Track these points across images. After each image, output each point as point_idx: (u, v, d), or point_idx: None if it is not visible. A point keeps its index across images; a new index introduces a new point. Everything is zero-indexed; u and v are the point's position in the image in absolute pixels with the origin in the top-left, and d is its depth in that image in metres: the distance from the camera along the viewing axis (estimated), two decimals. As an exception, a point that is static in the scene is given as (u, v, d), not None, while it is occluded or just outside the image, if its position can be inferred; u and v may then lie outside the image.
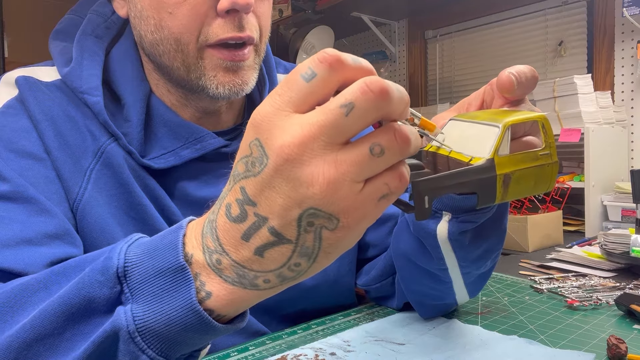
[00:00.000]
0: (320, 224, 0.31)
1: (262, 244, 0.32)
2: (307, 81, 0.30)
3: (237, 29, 0.56)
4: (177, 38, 0.56)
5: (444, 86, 2.51)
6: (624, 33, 1.75)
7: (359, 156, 0.30)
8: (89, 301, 0.36)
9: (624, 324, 0.67)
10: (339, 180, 0.30)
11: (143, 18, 0.58)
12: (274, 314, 0.68)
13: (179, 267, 0.34)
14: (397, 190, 0.31)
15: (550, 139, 0.39)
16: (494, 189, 0.37)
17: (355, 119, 0.29)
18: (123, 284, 0.36)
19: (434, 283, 0.61)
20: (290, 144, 0.29)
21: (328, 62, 0.30)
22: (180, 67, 0.58)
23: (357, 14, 2.38)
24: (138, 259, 0.36)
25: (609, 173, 1.57)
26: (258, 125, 0.31)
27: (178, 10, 0.55)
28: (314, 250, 0.32)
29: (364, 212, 0.31)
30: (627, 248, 0.98)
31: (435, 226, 0.55)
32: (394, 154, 0.30)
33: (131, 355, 0.35)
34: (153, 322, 0.35)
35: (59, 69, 0.61)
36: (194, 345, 0.37)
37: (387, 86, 0.29)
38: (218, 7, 0.55)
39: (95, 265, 0.37)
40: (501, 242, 0.57)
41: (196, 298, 0.34)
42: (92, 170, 0.57)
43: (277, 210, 0.31)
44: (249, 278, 0.34)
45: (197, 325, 0.35)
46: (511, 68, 0.43)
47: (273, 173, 0.30)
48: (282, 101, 0.31)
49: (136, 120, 0.60)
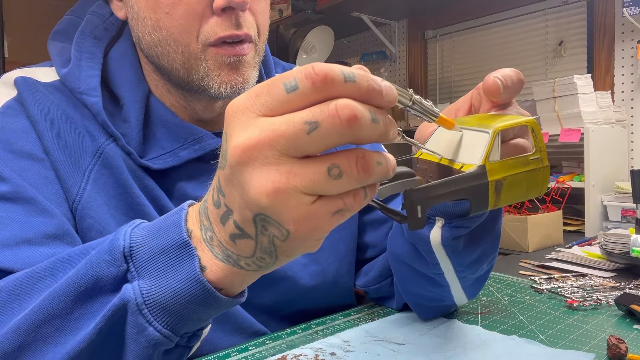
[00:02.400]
0: (272, 232, 0.32)
1: (232, 232, 0.34)
2: (287, 92, 0.29)
3: (234, 26, 0.56)
4: (176, 39, 0.56)
5: (444, 86, 2.51)
6: (624, 33, 1.75)
7: (315, 174, 0.29)
8: (97, 280, 0.38)
9: (624, 324, 0.67)
10: (288, 191, 0.29)
11: (140, 19, 0.58)
12: (273, 314, 0.68)
13: (183, 243, 0.36)
14: (351, 208, 0.31)
15: (540, 143, 0.39)
16: (487, 195, 0.37)
17: (316, 139, 0.29)
18: (129, 263, 0.37)
19: (430, 286, 0.61)
20: (243, 146, 0.30)
21: (312, 79, 0.29)
22: (180, 68, 0.58)
23: (357, 14, 2.38)
24: (142, 240, 0.38)
25: (609, 173, 1.57)
26: (228, 119, 0.32)
27: (174, 11, 0.55)
28: (272, 251, 0.33)
29: (315, 224, 0.31)
30: (627, 248, 0.98)
31: (428, 232, 0.54)
32: (350, 181, 0.30)
33: (138, 328, 0.37)
34: (159, 295, 0.36)
35: (58, 69, 0.61)
36: (199, 321, 0.39)
37: (357, 115, 0.28)
38: (214, 5, 0.54)
39: (102, 246, 0.39)
40: (496, 245, 0.57)
41: (200, 270, 0.36)
42: (91, 170, 0.57)
43: (237, 207, 0.32)
44: (234, 258, 0.35)
45: (201, 296, 0.36)
46: (497, 72, 0.43)
47: (230, 172, 0.31)
48: (256, 101, 0.30)
49: (135, 121, 0.60)
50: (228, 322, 0.62)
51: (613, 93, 1.76)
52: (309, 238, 0.32)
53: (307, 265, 0.69)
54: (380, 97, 0.30)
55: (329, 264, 0.70)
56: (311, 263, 0.69)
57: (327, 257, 0.70)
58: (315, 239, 0.33)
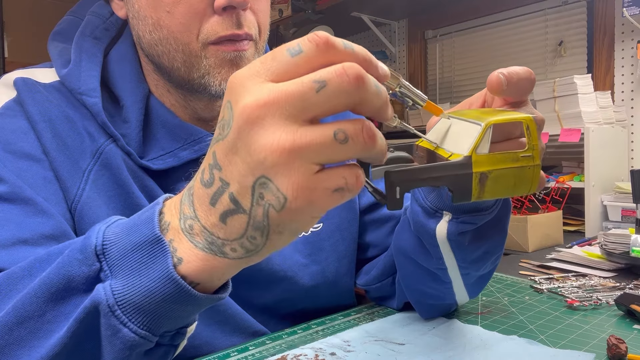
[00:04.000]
0: (268, 200, 0.31)
1: (225, 210, 0.32)
2: (292, 56, 0.30)
3: (235, 26, 0.56)
4: (176, 37, 0.56)
5: (444, 86, 2.51)
6: (624, 33, 1.75)
7: (321, 136, 0.29)
8: (68, 280, 0.36)
9: (624, 324, 0.67)
10: (293, 152, 0.29)
11: (141, 18, 0.58)
12: (273, 313, 0.68)
13: (155, 238, 0.35)
14: (352, 188, 0.31)
15: (534, 141, 0.38)
16: (470, 186, 0.37)
17: (325, 97, 0.29)
18: (102, 262, 0.36)
19: (433, 282, 0.61)
20: (252, 105, 0.29)
21: (316, 42, 0.30)
22: (180, 67, 0.58)
23: (357, 14, 2.38)
24: (116, 237, 0.36)
25: (609, 173, 1.57)
26: (232, 88, 0.31)
27: (176, 9, 0.55)
28: (265, 226, 0.32)
29: (314, 197, 0.31)
30: (627, 248, 0.98)
31: (434, 225, 0.55)
32: (356, 146, 0.30)
33: (112, 330, 0.35)
34: (132, 294, 0.35)
35: (58, 70, 0.61)
36: (178, 319, 0.37)
37: (364, 75, 0.29)
38: (215, 4, 0.55)
39: (75, 245, 0.37)
40: (501, 245, 0.57)
41: (173, 266, 0.34)
42: (91, 171, 0.57)
43: (236, 176, 0.31)
44: (218, 245, 0.34)
45: (175, 294, 0.34)
46: (504, 69, 0.43)
47: (235, 135, 0.31)
48: (262, 68, 0.31)
49: (135, 122, 0.60)
50: (228, 322, 0.62)
51: (613, 93, 1.76)
52: (305, 212, 0.31)
53: (307, 266, 0.69)
54: (375, 67, 0.32)
55: (329, 263, 0.70)
56: (311, 263, 0.69)
57: (327, 257, 0.70)
58: (310, 215, 0.32)
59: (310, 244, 0.69)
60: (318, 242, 0.70)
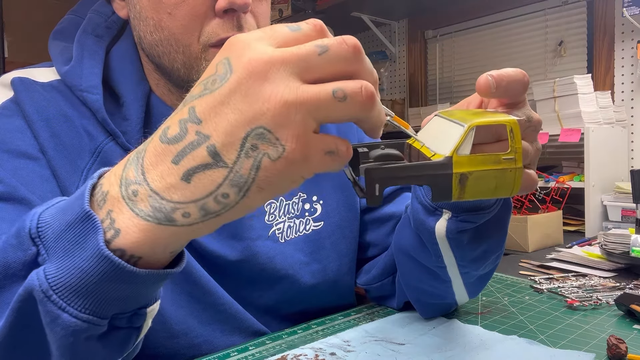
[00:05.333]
0: (264, 149, 0.31)
1: (194, 165, 0.31)
2: (292, 31, 0.32)
3: (235, 28, 0.56)
4: (177, 39, 0.56)
5: (444, 86, 2.51)
6: (624, 33, 1.75)
7: (320, 93, 0.30)
8: (6, 267, 0.35)
9: (624, 324, 0.67)
10: (295, 105, 0.30)
11: (142, 19, 0.58)
12: (274, 314, 0.68)
13: (85, 214, 0.33)
14: (343, 155, 0.32)
15: (517, 144, 0.39)
16: (450, 186, 0.37)
17: (326, 60, 0.31)
18: (39, 245, 0.34)
19: (433, 281, 0.61)
20: (258, 59, 0.31)
21: (313, 24, 0.33)
22: (180, 68, 0.58)
23: (357, 14, 2.38)
24: (52, 218, 0.35)
25: (609, 173, 1.57)
26: (231, 47, 0.32)
27: (177, 11, 0.55)
28: (248, 180, 0.31)
29: (309, 153, 0.31)
30: (627, 248, 0.98)
31: (434, 223, 0.55)
32: (355, 105, 0.31)
33: (51, 316, 0.33)
34: (66, 277, 0.33)
35: (59, 67, 0.61)
36: (128, 300, 0.35)
37: (360, 48, 0.32)
38: (216, 7, 0.55)
39: (11, 230, 0.36)
40: (501, 244, 0.57)
41: (104, 242, 0.32)
42: (89, 170, 0.57)
43: (224, 127, 0.31)
44: (166, 211, 0.32)
45: (112, 272, 0.32)
46: (495, 71, 0.43)
47: (234, 87, 0.31)
48: (265, 35, 0.32)
49: (135, 119, 0.60)
50: (228, 322, 0.62)
51: (613, 93, 1.76)
52: (298, 166, 0.31)
53: (308, 264, 0.69)
54: None
55: (330, 262, 0.70)
56: (312, 262, 0.69)
57: (328, 256, 0.70)
58: (300, 172, 0.32)
59: (311, 243, 0.69)
60: (319, 240, 0.70)
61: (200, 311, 0.60)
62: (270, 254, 0.65)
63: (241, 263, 0.63)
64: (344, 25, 2.53)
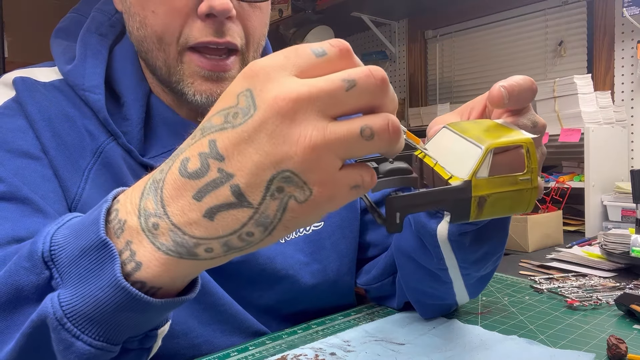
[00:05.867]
0: (290, 192, 0.30)
1: (217, 204, 0.30)
2: (317, 56, 0.30)
3: (215, 33, 0.56)
4: (159, 37, 0.57)
5: (444, 86, 2.51)
6: (624, 33, 1.75)
7: (349, 132, 0.29)
8: (18, 290, 0.34)
9: (624, 324, 0.67)
10: (323, 149, 0.29)
11: (131, 14, 0.59)
12: (274, 314, 0.68)
13: (101, 243, 0.32)
14: (367, 185, 0.32)
15: (533, 164, 0.39)
16: (468, 209, 0.37)
17: (353, 96, 0.30)
18: (52, 269, 0.34)
19: (434, 282, 0.61)
20: (285, 97, 0.29)
21: (339, 47, 0.31)
22: (162, 66, 0.59)
23: (357, 14, 2.38)
24: (65, 240, 0.34)
25: (609, 173, 1.57)
26: (253, 76, 0.30)
27: (160, 10, 0.56)
28: (274, 220, 0.31)
29: (336, 192, 0.31)
30: (627, 248, 0.98)
31: (435, 226, 0.55)
32: (382, 141, 0.30)
33: (65, 344, 0.33)
34: (81, 305, 0.32)
35: (61, 66, 0.61)
36: (141, 326, 0.35)
37: (386, 79, 0.31)
38: (198, 10, 0.55)
39: (23, 251, 0.35)
40: (502, 245, 0.57)
41: (121, 273, 0.32)
42: (91, 169, 0.57)
43: (249, 168, 0.29)
44: (188, 246, 0.31)
45: (128, 302, 0.32)
46: (505, 80, 0.43)
47: (258, 125, 0.29)
48: (287, 62, 0.30)
49: (136, 119, 0.60)
50: (228, 322, 0.62)
51: (613, 93, 1.76)
52: (324, 206, 0.31)
53: (308, 264, 0.69)
54: None
55: (330, 262, 0.70)
56: (312, 262, 0.69)
57: (328, 256, 0.70)
58: (327, 209, 0.32)
59: (311, 243, 0.69)
60: (319, 240, 0.70)
61: (200, 312, 0.60)
62: (270, 254, 0.65)
63: (241, 263, 0.63)
64: (344, 25, 2.53)
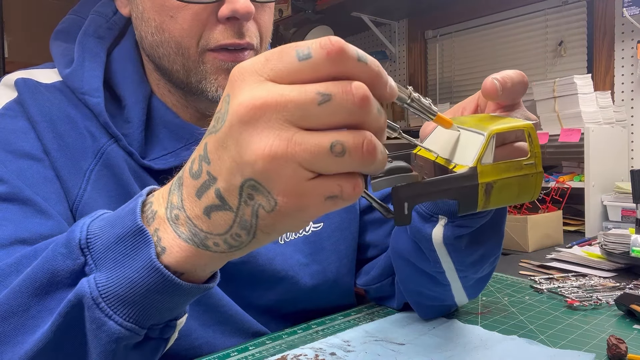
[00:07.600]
0: (259, 200, 0.30)
1: (209, 204, 0.32)
2: (299, 59, 0.28)
3: (237, 35, 0.56)
4: (177, 41, 0.57)
5: (444, 86, 2.51)
6: (624, 33, 1.75)
7: (316, 147, 0.28)
8: (53, 275, 0.36)
9: (624, 324, 0.67)
10: (285, 159, 0.28)
11: (144, 19, 0.58)
12: (274, 314, 0.68)
13: (138, 229, 0.35)
14: (348, 197, 0.30)
15: (536, 148, 0.39)
16: (476, 197, 0.37)
17: (326, 111, 0.28)
18: (87, 255, 0.36)
19: (432, 285, 0.61)
20: (247, 104, 0.28)
21: (327, 49, 0.28)
22: (180, 69, 0.59)
23: (357, 14, 2.38)
24: (100, 231, 0.36)
25: (609, 173, 1.57)
26: (233, 81, 0.30)
27: (179, 15, 0.55)
28: (252, 226, 0.31)
29: (306, 203, 0.30)
30: (627, 248, 0.98)
31: (430, 230, 0.55)
32: (353, 161, 0.29)
33: (97, 323, 0.35)
34: (116, 286, 0.34)
35: (60, 70, 0.61)
36: (165, 311, 0.37)
37: (369, 97, 0.29)
38: (219, 14, 0.55)
39: (59, 239, 0.37)
40: (499, 247, 0.57)
41: (156, 256, 0.34)
42: (92, 171, 0.57)
43: (224, 173, 0.30)
44: (200, 237, 0.33)
45: (160, 283, 0.34)
46: (497, 74, 0.43)
47: (227, 131, 0.30)
48: (265, 66, 0.29)
49: (137, 121, 0.60)
50: (228, 323, 0.62)
51: (613, 93, 1.76)
52: (296, 217, 0.31)
53: (308, 265, 0.69)
54: (385, 86, 0.30)
55: (330, 263, 0.71)
56: (312, 263, 0.69)
57: (327, 257, 0.70)
58: (301, 219, 0.31)
59: (311, 244, 0.69)
60: (319, 241, 0.70)
61: (200, 313, 0.60)
62: (270, 255, 0.65)
63: (241, 264, 0.63)
64: (344, 25, 2.53)
